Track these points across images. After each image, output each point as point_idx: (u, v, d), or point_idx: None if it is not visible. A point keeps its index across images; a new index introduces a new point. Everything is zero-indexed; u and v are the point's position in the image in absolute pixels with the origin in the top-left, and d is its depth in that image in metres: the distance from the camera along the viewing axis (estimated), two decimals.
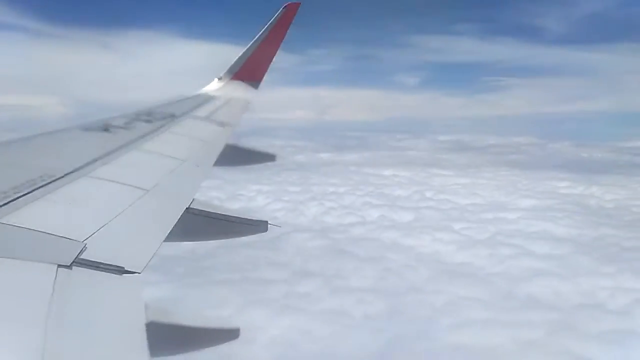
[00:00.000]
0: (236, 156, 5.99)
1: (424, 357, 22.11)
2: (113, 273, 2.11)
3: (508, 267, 32.32)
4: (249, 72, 9.57)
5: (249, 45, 9.53)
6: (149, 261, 2.34)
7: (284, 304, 27.24)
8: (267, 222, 3.91)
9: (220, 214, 3.59)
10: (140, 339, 1.72)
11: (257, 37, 9.44)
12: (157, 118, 5.78)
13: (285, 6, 9.34)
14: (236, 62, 9.59)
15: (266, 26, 9.39)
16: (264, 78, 9.66)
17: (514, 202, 51.52)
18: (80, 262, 2.09)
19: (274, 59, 9.57)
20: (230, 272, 32.38)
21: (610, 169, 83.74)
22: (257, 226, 3.89)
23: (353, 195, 54.33)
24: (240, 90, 9.31)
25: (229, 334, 2.55)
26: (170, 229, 2.78)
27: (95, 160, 3.61)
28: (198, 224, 3.38)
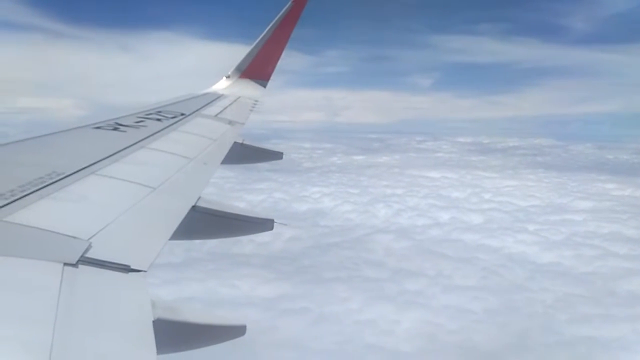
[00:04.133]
0: (244, 154, 6.05)
1: (557, 349, 24.09)
2: (119, 271, 2.13)
3: (598, 267, 34.30)
4: (257, 70, 9.47)
5: (256, 42, 9.39)
6: (155, 259, 2.34)
7: (404, 300, 29.24)
8: (273, 220, 3.92)
9: (226, 212, 3.60)
10: (148, 336, 1.74)
11: (264, 34, 9.26)
12: (166, 116, 5.80)
13: (293, 2, 9.10)
14: (244, 60, 9.51)
15: (273, 22, 9.20)
16: (273, 76, 9.63)
17: (572, 204, 53.49)
18: (86, 260, 2.11)
19: (282, 56, 9.41)
20: (334, 270, 34.33)
21: None
22: (263, 224, 3.92)
23: (414, 197, 56.33)
24: (248, 89, 9.25)
25: (236, 331, 2.57)
26: (176, 227, 2.81)
27: (104, 158, 3.62)
28: (204, 222, 3.39)
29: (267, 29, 9.23)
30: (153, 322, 1.85)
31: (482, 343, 24.65)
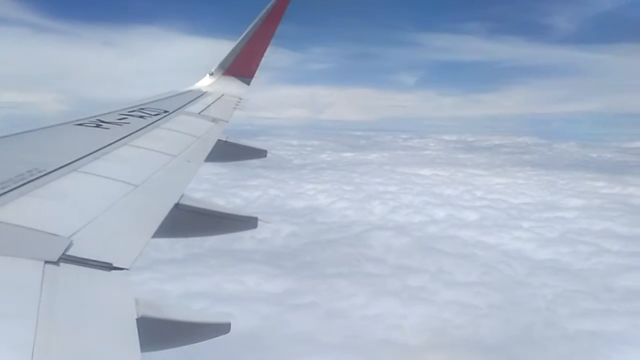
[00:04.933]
0: (228, 152, 6.04)
1: (562, 343, 24.72)
2: (101, 269, 2.11)
3: (594, 264, 35.14)
4: (240, 67, 9.40)
5: (239, 39, 9.31)
6: (137, 257, 2.32)
7: (409, 296, 29.68)
8: (257, 218, 3.92)
9: (209, 210, 3.60)
10: (132, 334, 1.73)
11: (248, 30, 9.19)
12: (149, 114, 5.78)
13: None
14: (227, 57, 9.45)
15: (256, 19, 9.14)
16: (257, 73, 9.56)
17: (563, 201, 54.47)
18: (67, 258, 2.08)
19: (266, 53, 9.35)
20: (335, 266, 34.62)
21: (627, 170, 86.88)
22: (247, 222, 3.91)
23: (408, 194, 56.87)
24: (232, 86, 9.22)
25: (220, 328, 2.56)
26: (159, 225, 2.79)
27: (86, 155, 3.60)
28: (187, 220, 3.38)
29: (251, 26, 9.17)
30: (137, 319, 1.83)
31: (488, 337, 25.18)
